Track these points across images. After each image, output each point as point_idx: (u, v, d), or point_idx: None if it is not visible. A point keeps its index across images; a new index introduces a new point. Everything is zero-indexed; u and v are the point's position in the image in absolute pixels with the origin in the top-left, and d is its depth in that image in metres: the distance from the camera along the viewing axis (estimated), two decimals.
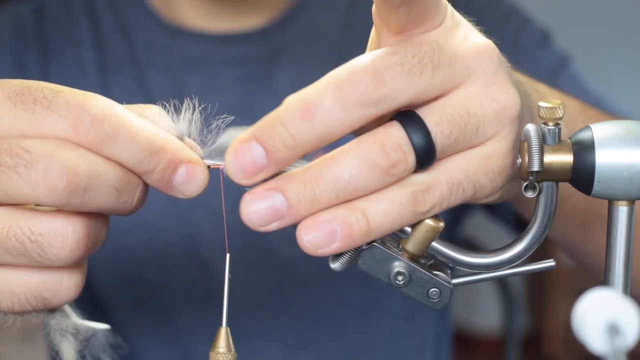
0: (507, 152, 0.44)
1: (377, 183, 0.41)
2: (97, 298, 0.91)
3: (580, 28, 2.78)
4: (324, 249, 0.42)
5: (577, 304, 0.34)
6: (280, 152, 0.41)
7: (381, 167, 0.41)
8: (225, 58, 0.90)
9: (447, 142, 0.42)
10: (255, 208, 0.41)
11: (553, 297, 2.85)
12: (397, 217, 0.42)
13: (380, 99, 0.40)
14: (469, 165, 0.43)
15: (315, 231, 0.41)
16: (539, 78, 0.91)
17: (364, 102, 0.40)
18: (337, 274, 0.90)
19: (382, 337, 0.95)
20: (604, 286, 0.46)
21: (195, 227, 0.88)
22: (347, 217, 0.42)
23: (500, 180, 0.45)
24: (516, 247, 0.47)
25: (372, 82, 0.40)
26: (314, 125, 0.40)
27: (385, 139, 0.41)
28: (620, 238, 0.46)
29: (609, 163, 0.44)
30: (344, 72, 0.41)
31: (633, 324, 0.33)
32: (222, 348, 0.46)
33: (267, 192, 0.41)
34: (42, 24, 0.93)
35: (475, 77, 0.43)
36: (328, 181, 0.41)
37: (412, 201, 0.42)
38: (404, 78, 0.41)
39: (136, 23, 0.93)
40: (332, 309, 0.93)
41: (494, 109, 0.43)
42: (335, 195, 0.41)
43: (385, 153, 0.41)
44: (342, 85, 0.40)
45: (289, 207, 0.41)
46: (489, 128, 0.43)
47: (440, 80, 0.42)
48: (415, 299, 0.46)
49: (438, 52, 0.42)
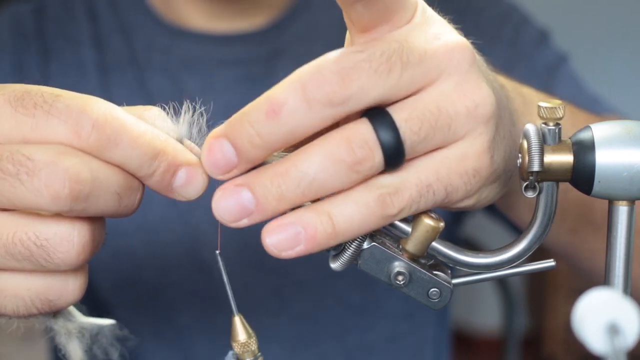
0: (481, 153, 0.43)
1: (342, 180, 0.41)
2: (98, 299, 0.91)
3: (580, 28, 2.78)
4: (288, 252, 0.41)
5: (577, 304, 0.34)
6: (249, 151, 0.41)
7: (347, 163, 0.40)
8: (225, 58, 0.91)
9: (416, 139, 0.41)
10: (224, 204, 0.41)
11: (553, 297, 2.85)
12: (364, 220, 0.41)
13: (346, 98, 0.40)
14: (440, 167, 0.42)
15: (279, 233, 0.41)
16: (536, 77, 0.92)
17: (328, 102, 0.39)
18: (336, 275, 0.90)
19: (382, 337, 0.95)
20: (604, 286, 0.46)
21: (195, 228, 0.89)
22: (311, 220, 0.41)
23: (475, 182, 0.43)
24: (516, 247, 0.47)
25: (337, 82, 0.39)
26: (280, 124, 0.40)
27: (352, 134, 0.40)
28: (620, 238, 0.46)
29: (609, 163, 0.44)
30: (309, 70, 0.40)
31: (633, 324, 0.33)
32: (243, 337, 0.46)
33: (235, 189, 0.41)
34: (42, 24, 0.93)
35: (447, 75, 0.42)
36: (293, 177, 0.40)
37: (379, 204, 0.41)
38: (371, 77, 0.40)
39: (136, 23, 0.93)
40: (331, 309, 0.93)
41: (466, 106, 0.42)
42: (302, 192, 0.41)
43: (351, 149, 0.40)
44: (307, 85, 0.39)
45: (256, 204, 0.41)
46: (462, 126, 0.42)
47: (410, 78, 0.41)
48: (416, 299, 0.46)
49: (407, 50, 0.41)
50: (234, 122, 0.41)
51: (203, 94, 0.89)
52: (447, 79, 0.42)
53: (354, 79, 0.40)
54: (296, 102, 0.39)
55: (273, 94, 0.40)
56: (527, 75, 0.91)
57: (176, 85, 0.90)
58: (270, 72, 0.89)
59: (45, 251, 0.41)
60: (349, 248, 0.44)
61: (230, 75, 0.90)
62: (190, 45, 0.91)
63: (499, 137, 0.44)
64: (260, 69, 0.90)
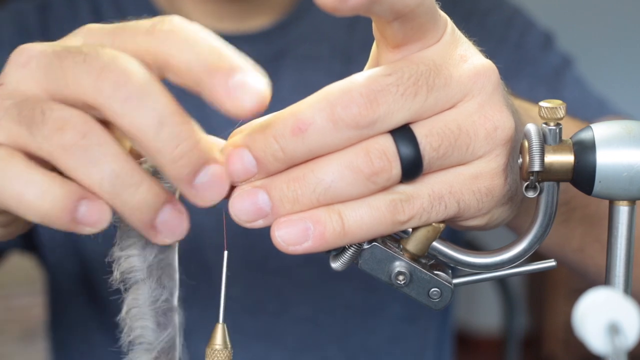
0: (496, 174, 0.44)
1: (358, 189, 0.41)
2: (100, 299, 0.91)
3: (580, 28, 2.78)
4: (296, 247, 0.41)
5: (577, 304, 0.34)
6: (271, 163, 0.41)
7: (364, 173, 0.41)
8: None
9: (435, 155, 0.42)
10: (241, 205, 0.41)
11: (553, 297, 2.85)
12: (374, 223, 0.42)
13: (372, 122, 0.40)
14: (454, 182, 0.43)
15: (289, 227, 0.41)
16: (542, 80, 0.91)
17: (355, 124, 0.40)
18: (338, 277, 0.90)
19: (383, 340, 0.95)
20: (604, 286, 0.46)
21: (197, 229, 0.88)
22: (322, 217, 0.41)
23: (488, 202, 0.44)
24: (516, 247, 0.47)
25: (365, 104, 0.40)
26: (305, 142, 0.40)
27: (371, 145, 0.41)
28: (621, 238, 0.46)
29: (609, 163, 0.44)
30: (338, 91, 0.40)
31: (633, 324, 0.33)
32: (219, 344, 0.46)
33: (252, 190, 0.41)
34: (46, 22, 0.93)
35: (470, 97, 0.43)
36: (310, 183, 0.41)
37: (390, 209, 0.42)
38: (398, 100, 0.40)
39: None
40: (333, 311, 0.92)
41: (486, 128, 0.43)
42: (316, 198, 0.41)
43: (370, 160, 0.40)
44: (335, 105, 0.40)
45: (272, 206, 0.41)
46: (480, 147, 0.43)
47: (434, 101, 0.42)
48: (416, 299, 0.46)
49: (434, 73, 0.42)
50: (257, 134, 0.41)
51: None
52: (470, 100, 0.43)
53: (381, 103, 0.40)
54: (323, 122, 0.40)
55: (300, 111, 0.40)
56: (533, 79, 0.91)
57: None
58: (274, 72, 0.89)
59: None
60: (349, 248, 0.44)
61: None
62: None
63: (514, 160, 0.45)
64: (264, 69, 0.89)
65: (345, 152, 0.41)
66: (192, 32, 0.41)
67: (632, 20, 2.85)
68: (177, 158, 0.39)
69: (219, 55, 0.40)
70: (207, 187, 0.41)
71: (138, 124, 0.39)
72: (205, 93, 0.39)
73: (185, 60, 0.40)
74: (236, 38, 0.91)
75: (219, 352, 0.46)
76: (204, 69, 0.39)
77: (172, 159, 0.39)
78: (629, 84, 2.86)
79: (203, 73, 0.39)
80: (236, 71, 0.40)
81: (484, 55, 0.45)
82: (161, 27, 0.41)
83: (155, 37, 0.41)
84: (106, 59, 0.39)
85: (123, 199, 0.40)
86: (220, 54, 0.40)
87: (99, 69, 0.39)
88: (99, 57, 0.39)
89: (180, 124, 0.39)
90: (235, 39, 0.92)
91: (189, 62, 0.40)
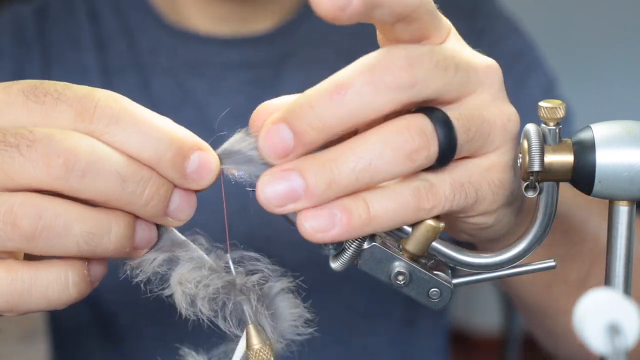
0: (506, 167, 0.45)
1: (398, 168, 0.41)
2: (99, 306, 0.91)
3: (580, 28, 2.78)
4: (324, 234, 0.41)
5: (578, 304, 0.34)
6: (308, 134, 0.40)
7: (404, 150, 0.41)
8: (232, 62, 0.90)
9: (465, 137, 0.43)
10: (272, 188, 0.41)
11: None
12: (399, 210, 0.42)
13: (411, 84, 0.40)
14: (473, 171, 0.44)
15: (316, 214, 0.41)
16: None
17: (396, 85, 0.40)
18: (340, 280, 0.90)
19: (385, 342, 0.95)
20: (604, 286, 0.46)
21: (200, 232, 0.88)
22: (348, 203, 0.41)
23: (501, 195, 0.45)
24: (516, 248, 0.47)
25: (404, 67, 0.40)
26: (344, 105, 0.40)
27: (411, 123, 0.41)
28: (621, 238, 0.46)
29: (609, 163, 0.44)
30: (378, 55, 0.41)
31: (633, 324, 0.33)
32: (257, 344, 0.46)
33: (284, 172, 0.41)
34: (43, 26, 0.92)
35: (484, 88, 0.44)
36: (349, 161, 0.41)
37: (415, 196, 0.42)
38: (433, 69, 0.41)
39: (140, 25, 0.92)
40: (335, 314, 0.92)
41: (501, 119, 0.44)
42: (355, 177, 0.41)
43: (410, 137, 0.41)
44: (376, 67, 0.40)
45: (305, 188, 0.41)
46: (497, 137, 0.44)
47: (460, 80, 0.42)
48: (416, 299, 0.46)
49: (457, 57, 0.43)
50: (294, 106, 0.41)
51: (209, 97, 0.89)
52: (485, 91, 0.44)
53: (420, 68, 0.41)
54: (363, 84, 0.40)
55: (339, 76, 0.41)
56: (527, 120, 0.91)
57: (181, 88, 0.89)
58: (277, 75, 0.89)
59: None
60: (349, 247, 0.44)
61: (237, 78, 0.89)
62: (196, 48, 0.90)
63: (516, 160, 0.46)
64: (268, 72, 0.89)
65: (384, 130, 0.41)
66: (128, 116, 0.41)
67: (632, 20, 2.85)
68: (148, 200, 0.42)
69: (169, 141, 0.42)
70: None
71: (101, 191, 0.40)
72: None
73: (135, 154, 0.41)
74: (239, 41, 0.91)
75: (260, 351, 0.46)
76: (156, 160, 0.41)
77: (145, 203, 0.42)
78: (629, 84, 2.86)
79: (153, 162, 0.41)
80: (189, 154, 0.42)
81: None
82: (90, 116, 0.41)
83: (87, 129, 0.41)
84: (44, 143, 0.40)
85: (104, 246, 0.42)
86: (168, 140, 0.42)
87: (41, 156, 0.39)
88: (36, 143, 0.40)
89: (139, 170, 0.41)
90: (238, 42, 0.92)
91: (137, 154, 0.41)
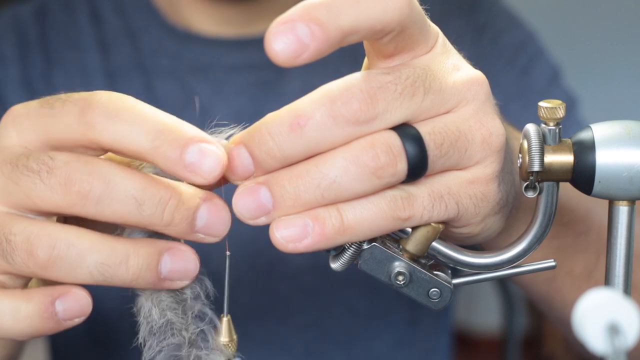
0: (490, 180, 0.44)
1: (363, 185, 0.41)
2: (101, 309, 0.91)
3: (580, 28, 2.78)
4: (295, 244, 0.41)
5: (577, 304, 0.34)
6: (266, 162, 0.41)
7: (369, 167, 0.40)
8: (235, 64, 0.90)
9: (437, 153, 0.42)
10: (243, 201, 0.41)
11: None
12: (374, 220, 0.42)
13: (372, 117, 0.40)
14: (452, 183, 0.43)
15: (287, 224, 0.41)
16: None
17: (355, 119, 0.40)
18: (343, 283, 0.90)
19: (388, 345, 0.95)
20: (604, 286, 0.46)
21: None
22: (320, 212, 0.41)
23: (484, 207, 0.44)
24: (516, 247, 0.47)
25: (364, 100, 0.40)
26: (302, 138, 0.40)
27: (377, 140, 0.41)
28: (621, 238, 0.46)
29: (609, 163, 0.44)
30: (338, 87, 0.40)
31: (633, 324, 0.33)
32: (224, 338, 0.46)
33: (254, 187, 0.41)
34: (44, 29, 0.92)
35: (465, 103, 0.43)
36: (313, 178, 0.40)
37: (391, 205, 0.42)
38: (397, 99, 0.41)
39: (143, 27, 0.91)
40: (338, 317, 0.92)
41: (482, 134, 0.43)
42: (320, 194, 0.41)
43: (376, 154, 0.40)
44: (335, 101, 0.40)
45: (273, 203, 0.41)
46: (476, 152, 0.43)
47: (430, 103, 0.42)
48: (416, 300, 0.46)
49: (430, 77, 0.42)
50: (253, 132, 0.41)
51: (212, 100, 0.89)
52: (464, 106, 0.43)
53: (381, 100, 0.40)
54: (322, 117, 0.40)
55: (298, 107, 0.40)
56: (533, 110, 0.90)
57: (185, 91, 0.89)
58: (280, 77, 0.88)
59: None
60: (349, 248, 0.44)
61: (240, 80, 0.89)
62: (199, 51, 0.90)
63: (504, 169, 0.46)
64: (270, 74, 0.89)
65: (350, 147, 0.41)
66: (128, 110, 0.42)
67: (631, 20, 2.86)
68: (169, 220, 0.41)
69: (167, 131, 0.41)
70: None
71: (119, 215, 0.41)
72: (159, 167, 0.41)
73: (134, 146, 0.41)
74: (242, 43, 0.90)
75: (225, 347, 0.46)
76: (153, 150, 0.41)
77: (166, 223, 0.41)
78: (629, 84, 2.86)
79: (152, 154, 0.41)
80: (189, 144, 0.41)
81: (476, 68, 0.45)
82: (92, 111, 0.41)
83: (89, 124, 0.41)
84: (62, 171, 0.41)
85: (119, 277, 0.42)
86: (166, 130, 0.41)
87: (62, 184, 0.40)
88: (55, 170, 0.41)
89: (157, 191, 0.41)
90: (241, 44, 0.92)
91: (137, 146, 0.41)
